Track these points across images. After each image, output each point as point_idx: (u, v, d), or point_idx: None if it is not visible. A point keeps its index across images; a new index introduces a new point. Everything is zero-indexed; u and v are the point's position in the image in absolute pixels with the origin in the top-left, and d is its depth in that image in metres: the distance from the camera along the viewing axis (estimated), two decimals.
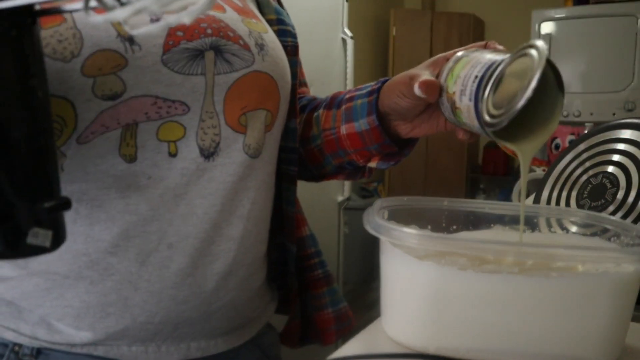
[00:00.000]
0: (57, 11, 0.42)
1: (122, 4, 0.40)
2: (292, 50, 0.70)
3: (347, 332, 0.75)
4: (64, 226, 0.46)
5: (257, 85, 0.60)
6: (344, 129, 0.68)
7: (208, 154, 0.57)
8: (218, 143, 0.57)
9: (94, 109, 0.52)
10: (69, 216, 0.53)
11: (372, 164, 0.70)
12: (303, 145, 0.73)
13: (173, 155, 0.56)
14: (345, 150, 0.69)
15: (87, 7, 0.39)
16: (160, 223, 0.56)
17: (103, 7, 0.40)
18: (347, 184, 2.13)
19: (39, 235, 0.42)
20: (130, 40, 0.52)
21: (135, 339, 0.58)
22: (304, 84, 0.81)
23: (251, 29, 0.61)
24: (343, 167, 0.73)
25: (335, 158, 0.71)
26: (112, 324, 0.57)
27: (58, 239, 0.45)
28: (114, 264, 0.55)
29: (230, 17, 0.60)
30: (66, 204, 0.44)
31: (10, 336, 0.58)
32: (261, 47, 0.61)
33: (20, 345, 0.58)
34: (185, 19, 0.36)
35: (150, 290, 0.56)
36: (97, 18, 0.37)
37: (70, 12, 0.41)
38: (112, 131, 0.53)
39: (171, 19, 0.36)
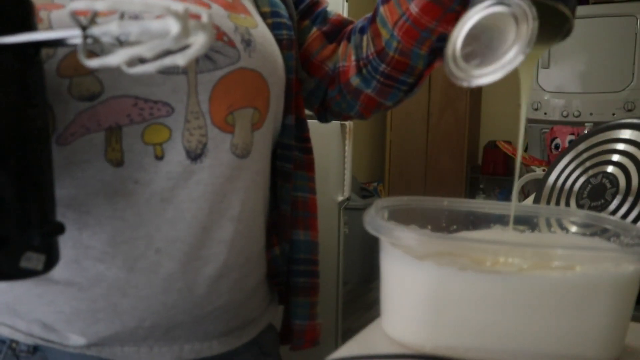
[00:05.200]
0: (60, 43, 0.42)
1: (120, 44, 0.40)
2: (287, 44, 0.67)
3: (299, 349, 0.72)
4: (57, 249, 0.47)
5: (243, 82, 0.58)
6: (413, 7, 0.60)
7: (195, 156, 0.55)
8: (205, 144, 0.56)
9: (71, 110, 0.52)
10: None
11: None
12: (382, 60, 0.66)
13: (159, 158, 0.54)
14: (428, 28, 0.61)
15: (84, 49, 0.40)
16: (148, 228, 0.55)
17: (100, 48, 0.42)
18: (347, 184, 2.13)
19: (32, 259, 0.43)
20: None
21: (127, 341, 0.58)
22: (348, 22, 0.75)
23: (237, 25, 0.59)
24: (435, 51, 0.65)
25: (421, 46, 0.63)
26: (103, 329, 0.56)
27: (51, 261, 0.45)
28: (103, 271, 0.55)
29: (215, 13, 0.59)
30: (60, 228, 0.45)
31: (6, 332, 0.58)
32: (248, 43, 0.59)
33: (17, 342, 0.58)
34: (180, 60, 0.37)
35: (139, 296, 0.55)
36: (92, 63, 0.38)
37: (72, 45, 0.41)
38: (94, 133, 0.52)
39: (166, 61, 0.37)
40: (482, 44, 0.46)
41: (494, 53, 0.44)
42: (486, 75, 0.44)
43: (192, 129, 0.55)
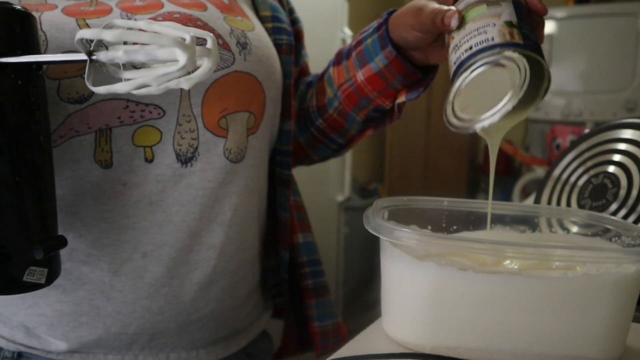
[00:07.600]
0: (60, 61, 0.43)
1: (124, 68, 0.42)
2: (287, 49, 0.67)
3: (332, 349, 0.71)
4: (59, 262, 0.47)
5: (238, 86, 0.57)
6: (360, 75, 0.63)
7: (185, 160, 0.54)
8: (196, 148, 0.55)
9: (60, 113, 0.51)
10: None
11: (401, 99, 0.63)
12: (321, 115, 0.69)
13: (149, 161, 0.53)
14: (368, 98, 0.64)
15: (90, 75, 0.41)
16: (135, 231, 0.54)
17: (108, 72, 0.43)
18: (347, 184, 2.13)
19: (35, 274, 0.44)
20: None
21: (111, 348, 0.56)
22: (308, 71, 0.77)
23: (233, 27, 0.58)
24: (370, 119, 0.68)
25: (359, 111, 0.66)
26: (85, 334, 0.55)
27: (53, 275, 0.46)
28: (87, 273, 0.54)
29: (210, 15, 0.58)
30: (62, 242, 0.46)
31: None
32: (243, 46, 0.58)
33: (1, 349, 0.57)
34: (184, 85, 0.38)
35: (124, 300, 0.55)
36: (100, 90, 0.40)
37: (74, 62, 0.42)
38: (84, 135, 0.52)
39: (171, 84, 0.39)
40: (476, 102, 0.50)
41: (488, 106, 0.48)
42: (485, 120, 0.48)
43: (183, 132, 0.54)
